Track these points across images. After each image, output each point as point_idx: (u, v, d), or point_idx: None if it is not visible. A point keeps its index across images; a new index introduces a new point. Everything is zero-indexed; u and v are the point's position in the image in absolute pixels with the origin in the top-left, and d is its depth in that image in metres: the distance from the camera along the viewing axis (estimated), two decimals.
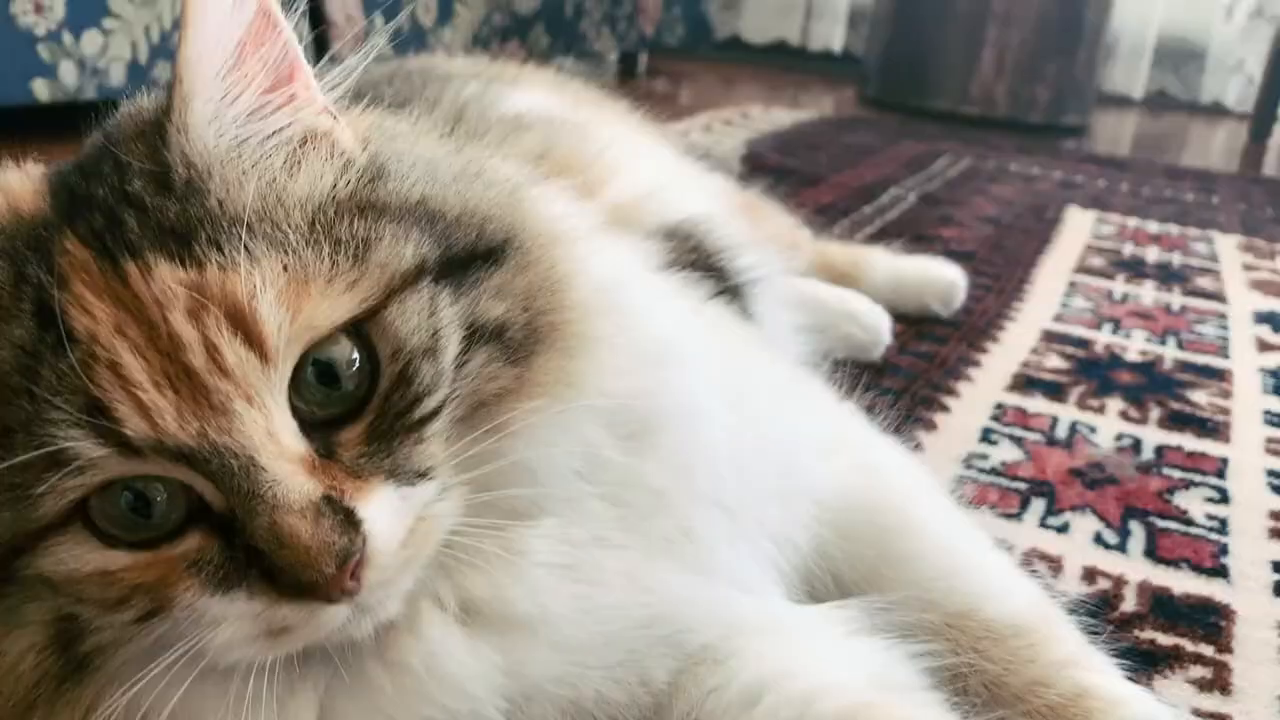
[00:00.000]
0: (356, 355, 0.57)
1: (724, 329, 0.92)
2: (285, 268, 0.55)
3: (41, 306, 0.54)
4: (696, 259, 1.02)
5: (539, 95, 1.26)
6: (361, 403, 0.58)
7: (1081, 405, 1.44)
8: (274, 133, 0.60)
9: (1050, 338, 1.70)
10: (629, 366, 0.69)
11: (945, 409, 1.40)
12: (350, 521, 0.54)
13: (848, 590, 0.81)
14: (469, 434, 0.61)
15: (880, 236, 2.08)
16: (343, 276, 0.56)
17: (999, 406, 1.42)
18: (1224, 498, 1.21)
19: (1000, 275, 1.99)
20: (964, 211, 2.49)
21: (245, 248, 0.55)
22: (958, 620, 0.79)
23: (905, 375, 1.49)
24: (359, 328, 0.57)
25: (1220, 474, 1.27)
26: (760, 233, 1.38)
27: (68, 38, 2.32)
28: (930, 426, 1.34)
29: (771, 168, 2.57)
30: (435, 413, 0.59)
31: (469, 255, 0.62)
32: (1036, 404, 1.44)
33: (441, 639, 0.63)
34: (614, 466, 0.68)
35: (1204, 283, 2.06)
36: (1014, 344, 1.65)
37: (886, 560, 0.83)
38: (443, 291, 0.60)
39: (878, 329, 1.51)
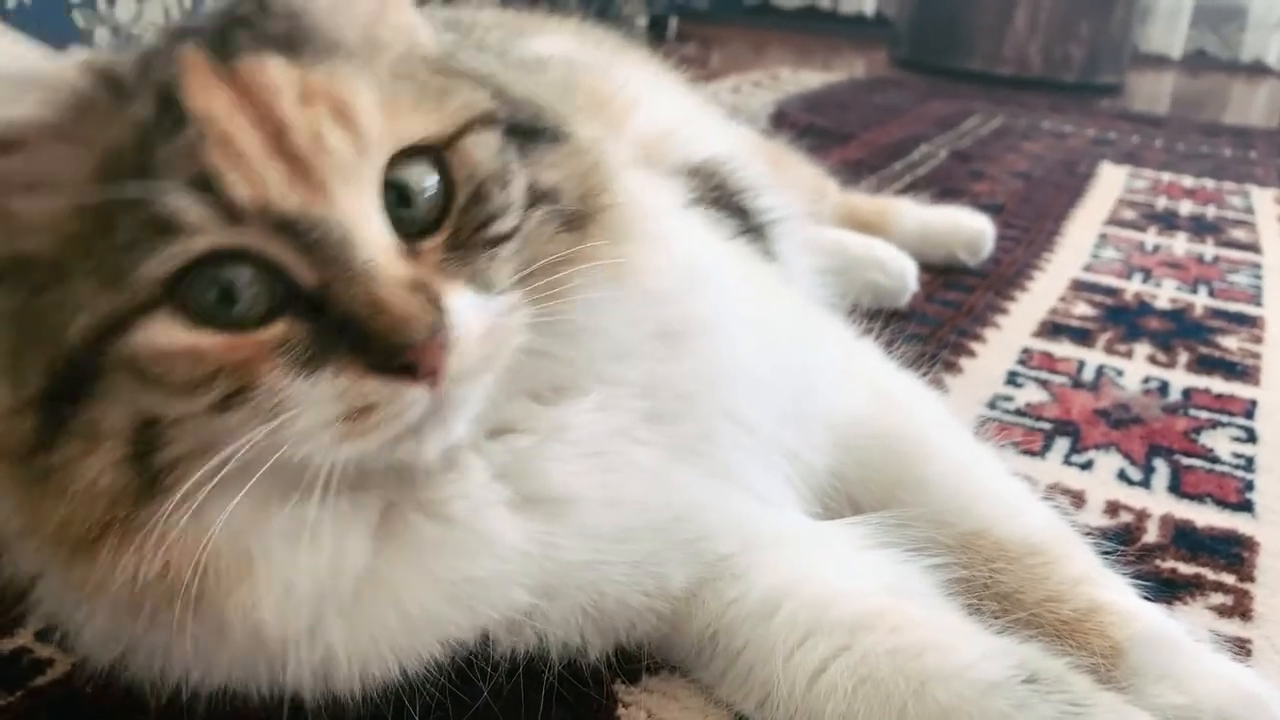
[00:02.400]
0: (434, 179, 0.62)
1: (746, 263, 0.94)
2: (380, 88, 0.60)
3: (161, 95, 0.57)
4: (719, 197, 1.03)
5: (562, 41, 1.27)
6: (439, 221, 0.62)
7: (1109, 350, 1.43)
8: None
9: (1079, 286, 1.69)
10: (668, 269, 0.72)
11: (971, 354, 1.40)
12: (436, 304, 0.58)
13: (862, 512, 0.82)
14: (533, 292, 0.65)
15: (909, 191, 2.07)
16: (427, 106, 0.62)
17: (1025, 351, 1.41)
18: (1251, 437, 1.21)
19: (1030, 227, 1.98)
20: (995, 167, 2.46)
21: (347, 64, 0.60)
22: (971, 540, 0.80)
23: (932, 322, 1.49)
24: (438, 156, 0.62)
25: (1249, 415, 1.26)
26: (785, 181, 1.38)
27: (102, 4, 2.35)
28: (955, 370, 1.34)
29: (800, 126, 2.55)
30: (507, 236, 0.63)
31: (529, 129, 0.67)
32: (1063, 349, 1.43)
33: (486, 500, 0.67)
34: (648, 361, 0.72)
35: (1238, 234, 2.04)
36: (1042, 292, 1.65)
37: (901, 484, 0.84)
38: (510, 145, 0.65)
39: (904, 276, 1.51)
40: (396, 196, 0.60)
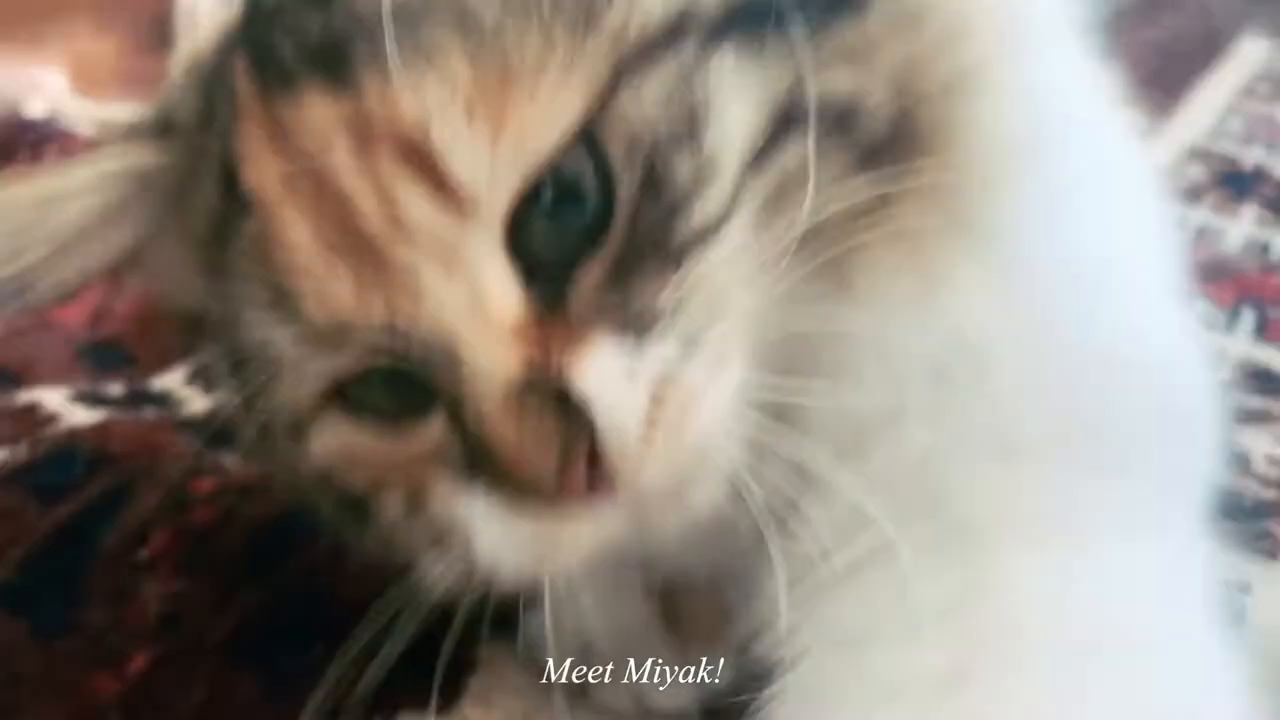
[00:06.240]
0: (590, 167, 0.41)
1: None
2: (473, 62, 0.38)
3: (221, 162, 0.44)
4: None
5: None
6: (602, 231, 0.41)
7: (1215, 209, 1.42)
8: None
9: (1194, 152, 1.65)
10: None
11: None
12: (565, 406, 0.40)
13: None
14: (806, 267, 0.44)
15: None
16: (560, 61, 0.39)
17: None
18: None
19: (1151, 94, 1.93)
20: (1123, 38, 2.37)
21: (414, 45, 0.38)
22: None
23: None
24: (589, 131, 0.40)
25: None
26: None
27: None
28: None
29: None
30: (706, 232, 0.41)
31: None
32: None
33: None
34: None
35: None
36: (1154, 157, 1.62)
37: None
38: (718, 53, 0.41)
39: None
40: (554, 182, 0.40)
